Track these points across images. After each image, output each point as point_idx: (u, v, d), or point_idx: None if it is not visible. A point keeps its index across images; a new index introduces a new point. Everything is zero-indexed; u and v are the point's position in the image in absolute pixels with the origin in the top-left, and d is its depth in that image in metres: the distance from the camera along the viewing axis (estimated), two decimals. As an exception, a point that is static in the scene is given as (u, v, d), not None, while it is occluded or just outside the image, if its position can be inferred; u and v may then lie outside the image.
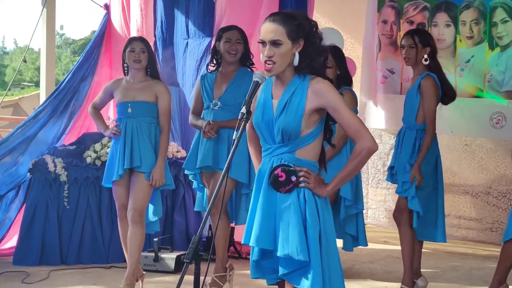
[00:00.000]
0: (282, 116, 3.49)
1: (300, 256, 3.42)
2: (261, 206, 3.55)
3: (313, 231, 3.46)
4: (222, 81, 5.85)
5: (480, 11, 7.36)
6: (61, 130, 7.41)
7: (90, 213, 7.00)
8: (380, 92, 8.09)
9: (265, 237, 3.52)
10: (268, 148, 3.58)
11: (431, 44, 5.85)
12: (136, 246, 5.67)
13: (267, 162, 3.58)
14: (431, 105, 5.71)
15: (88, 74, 7.68)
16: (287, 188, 3.50)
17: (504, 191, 7.75)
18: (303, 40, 3.50)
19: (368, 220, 8.86)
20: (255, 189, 3.63)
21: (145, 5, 8.09)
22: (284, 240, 3.46)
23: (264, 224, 3.52)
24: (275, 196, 3.53)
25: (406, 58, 5.86)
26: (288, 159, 3.51)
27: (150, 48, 5.84)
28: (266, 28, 3.50)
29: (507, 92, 7.21)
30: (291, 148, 3.51)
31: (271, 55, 3.47)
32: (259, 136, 3.63)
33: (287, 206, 3.49)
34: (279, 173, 3.50)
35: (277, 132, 3.50)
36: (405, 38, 5.91)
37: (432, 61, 5.83)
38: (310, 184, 3.50)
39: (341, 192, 6.11)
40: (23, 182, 7.00)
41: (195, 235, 3.32)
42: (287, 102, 3.50)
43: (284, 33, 3.46)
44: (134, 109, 5.69)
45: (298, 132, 3.48)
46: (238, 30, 5.89)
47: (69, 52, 45.94)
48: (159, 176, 5.64)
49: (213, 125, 5.68)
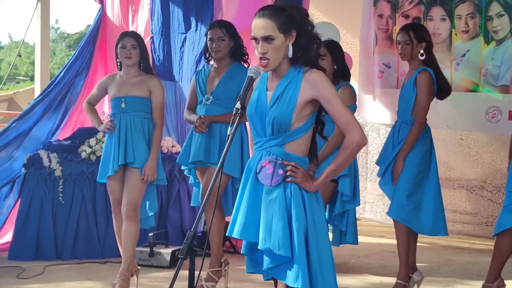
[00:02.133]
0: (274, 107, 3.48)
1: (281, 251, 3.40)
2: (247, 198, 3.53)
3: (298, 226, 3.43)
4: (215, 76, 5.86)
5: (476, 5, 7.36)
6: (56, 125, 7.38)
7: (85, 208, 6.98)
8: (377, 86, 8.09)
9: (250, 229, 3.49)
10: (258, 141, 3.57)
11: (426, 39, 5.84)
12: (131, 241, 5.67)
13: (256, 155, 3.56)
14: (424, 99, 5.70)
15: (83, 69, 7.65)
16: (273, 181, 3.48)
17: (499, 185, 7.75)
18: (295, 31, 3.47)
19: (366, 215, 8.87)
20: (242, 182, 3.61)
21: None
22: (266, 233, 3.44)
23: (249, 216, 3.50)
24: (261, 189, 3.51)
25: (402, 53, 5.85)
26: (277, 153, 3.49)
27: (142, 43, 5.81)
28: (256, 24, 3.48)
29: (502, 87, 7.21)
30: (281, 141, 3.49)
31: (265, 52, 3.45)
32: (252, 129, 3.61)
33: (273, 199, 3.47)
34: (267, 165, 3.48)
35: (268, 123, 3.49)
36: (400, 33, 5.89)
37: (428, 55, 5.82)
38: (297, 179, 3.48)
39: (339, 188, 6.07)
40: (18, 177, 6.98)
41: (189, 231, 3.31)
42: (280, 93, 3.49)
43: (275, 27, 3.44)
44: (127, 104, 5.68)
45: (288, 124, 3.47)
46: (220, 26, 5.85)
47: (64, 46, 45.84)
48: (151, 171, 5.63)
49: (204, 119, 5.68)
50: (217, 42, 5.80)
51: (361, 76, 8.19)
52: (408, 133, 5.71)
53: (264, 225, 3.46)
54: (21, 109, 14.10)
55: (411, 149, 5.71)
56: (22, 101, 16.44)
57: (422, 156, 5.76)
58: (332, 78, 5.91)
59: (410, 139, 5.70)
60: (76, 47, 10.31)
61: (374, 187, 8.46)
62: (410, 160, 5.72)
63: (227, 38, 5.81)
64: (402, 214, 5.74)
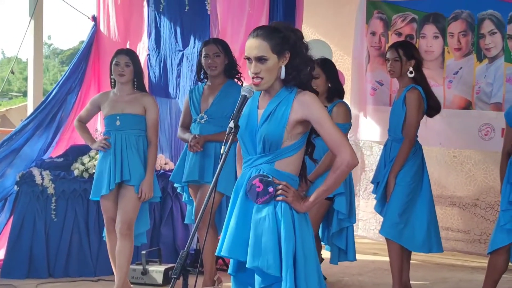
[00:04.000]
0: (265, 125, 3.47)
1: (271, 270, 3.38)
2: (236, 215, 3.51)
3: (287, 246, 3.41)
4: (209, 94, 5.86)
5: (468, 23, 7.38)
6: (47, 142, 7.35)
7: (78, 225, 6.96)
8: (370, 103, 8.10)
9: (238, 247, 3.47)
10: (249, 159, 3.56)
11: (415, 56, 5.86)
12: (125, 259, 5.66)
13: (246, 173, 3.55)
14: (413, 117, 5.72)
15: (75, 86, 7.63)
16: (263, 199, 3.47)
17: (492, 202, 7.75)
18: (289, 52, 3.48)
19: (359, 232, 8.84)
20: (231, 201, 3.59)
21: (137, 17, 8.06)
22: (256, 251, 3.42)
23: (237, 235, 3.48)
24: (251, 207, 3.50)
25: (391, 71, 5.87)
26: (267, 170, 3.48)
27: (136, 61, 5.82)
28: (250, 44, 3.48)
29: (495, 104, 7.23)
30: (271, 158, 3.48)
31: (257, 72, 3.46)
32: (241, 147, 3.61)
33: (262, 217, 3.46)
34: (257, 183, 3.47)
35: (259, 141, 3.48)
36: (389, 51, 5.91)
37: (418, 73, 5.84)
38: (289, 198, 3.47)
39: (335, 206, 5.99)
40: (10, 194, 6.95)
41: (182, 250, 3.31)
42: (272, 111, 3.49)
43: (268, 48, 3.45)
44: (122, 121, 5.68)
45: (279, 142, 3.46)
46: (215, 43, 5.87)
47: (57, 62, 45.79)
48: (148, 189, 5.63)
49: (199, 139, 5.68)
50: (212, 58, 5.81)
51: (353, 93, 8.20)
52: (398, 151, 5.73)
53: (253, 243, 3.44)
54: (13, 126, 14.04)
55: (401, 167, 5.72)
56: (15, 118, 16.42)
57: (414, 174, 5.78)
58: (326, 96, 5.91)
59: (400, 157, 5.72)
60: (69, 63, 10.31)
61: (367, 204, 8.46)
62: (402, 178, 5.74)
63: (222, 54, 5.82)
64: (394, 232, 5.74)
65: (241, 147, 3.62)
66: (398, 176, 5.74)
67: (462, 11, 7.42)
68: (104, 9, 8.13)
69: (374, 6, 8.01)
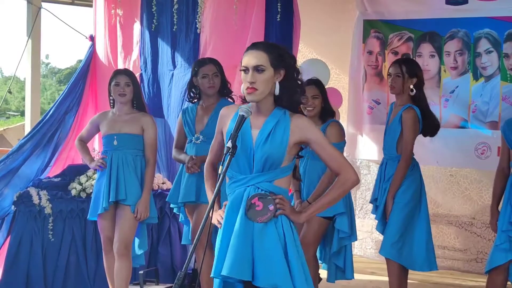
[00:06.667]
0: (266, 145, 3.52)
1: (286, 286, 3.43)
2: (237, 234, 3.52)
3: (295, 259, 3.48)
4: (203, 114, 5.85)
5: (464, 42, 7.41)
6: (45, 162, 7.36)
7: (75, 245, 6.94)
8: (367, 123, 8.11)
9: (241, 266, 3.49)
10: (241, 179, 3.59)
11: (418, 75, 5.85)
12: (123, 279, 5.64)
13: (241, 192, 3.58)
14: (410, 136, 5.71)
15: (73, 106, 7.65)
16: (264, 218, 3.50)
17: (488, 221, 7.73)
18: (284, 70, 3.55)
19: (355, 251, 8.82)
20: (225, 220, 3.61)
21: (130, 37, 8.08)
22: (267, 270, 3.46)
23: (240, 254, 3.50)
24: (251, 226, 3.52)
25: (392, 86, 5.86)
26: (267, 188, 3.54)
27: (135, 81, 5.84)
28: (249, 55, 3.55)
29: (491, 123, 7.23)
30: (270, 177, 3.54)
31: (253, 81, 3.51)
32: (233, 166, 3.60)
33: (267, 235, 3.50)
34: (256, 202, 3.50)
35: (259, 161, 3.53)
36: (392, 66, 5.91)
37: (418, 92, 5.83)
38: (286, 211, 3.54)
39: (337, 225, 5.93)
40: (7, 214, 6.94)
41: (180, 271, 3.31)
42: (270, 131, 3.54)
43: (267, 60, 3.52)
44: (119, 141, 5.69)
45: (281, 161, 3.54)
46: (213, 63, 5.86)
47: (55, 81, 45.85)
48: (143, 209, 5.63)
49: (195, 160, 5.68)
50: (212, 78, 5.79)
51: (350, 112, 8.21)
52: (395, 171, 5.73)
53: (261, 262, 3.47)
54: (10, 146, 14.08)
55: (399, 186, 5.72)
56: (12, 137, 16.44)
57: (413, 193, 5.77)
58: (319, 116, 5.91)
59: (397, 177, 5.72)
60: (66, 82, 10.34)
61: (363, 223, 8.46)
62: (400, 198, 5.73)
63: (219, 74, 5.83)
64: (394, 252, 5.73)
65: (233, 166, 3.62)
66: (397, 195, 5.73)
67: (459, 30, 7.44)
68: (99, 28, 8.16)
69: (370, 25, 8.03)
